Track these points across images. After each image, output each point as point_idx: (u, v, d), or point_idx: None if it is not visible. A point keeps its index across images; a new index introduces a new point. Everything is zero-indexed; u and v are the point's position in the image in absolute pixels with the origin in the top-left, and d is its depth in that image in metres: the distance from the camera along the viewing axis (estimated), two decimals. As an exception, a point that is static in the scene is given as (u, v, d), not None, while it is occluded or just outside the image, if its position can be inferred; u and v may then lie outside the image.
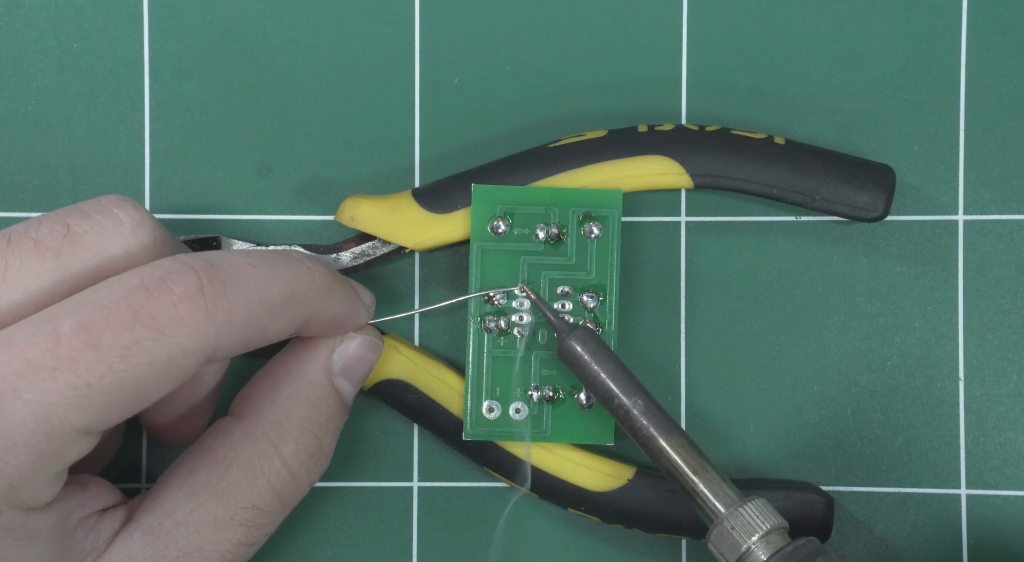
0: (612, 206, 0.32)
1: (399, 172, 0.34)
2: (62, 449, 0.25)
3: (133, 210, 0.28)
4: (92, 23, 0.34)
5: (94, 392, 0.25)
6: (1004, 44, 0.34)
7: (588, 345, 0.30)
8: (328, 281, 0.29)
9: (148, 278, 0.26)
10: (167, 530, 0.28)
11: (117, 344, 0.25)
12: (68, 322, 0.25)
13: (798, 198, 0.32)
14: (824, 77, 0.34)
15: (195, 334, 0.26)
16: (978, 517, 0.34)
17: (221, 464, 0.29)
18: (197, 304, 0.26)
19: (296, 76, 0.34)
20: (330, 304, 0.29)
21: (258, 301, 0.27)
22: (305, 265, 0.29)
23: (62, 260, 0.27)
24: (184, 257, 0.27)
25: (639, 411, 0.30)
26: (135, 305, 0.25)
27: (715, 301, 0.34)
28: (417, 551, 0.34)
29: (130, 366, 0.25)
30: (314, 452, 0.30)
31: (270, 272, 0.28)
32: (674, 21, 0.34)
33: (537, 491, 0.33)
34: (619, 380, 0.30)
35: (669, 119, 0.34)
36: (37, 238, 0.27)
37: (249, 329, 0.27)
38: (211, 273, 0.26)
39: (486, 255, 0.32)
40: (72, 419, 0.25)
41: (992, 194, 0.34)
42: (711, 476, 0.29)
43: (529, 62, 0.34)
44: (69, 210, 0.28)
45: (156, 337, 0.25)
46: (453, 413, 0.33)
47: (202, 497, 0.29)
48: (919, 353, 0.34)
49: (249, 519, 0.29)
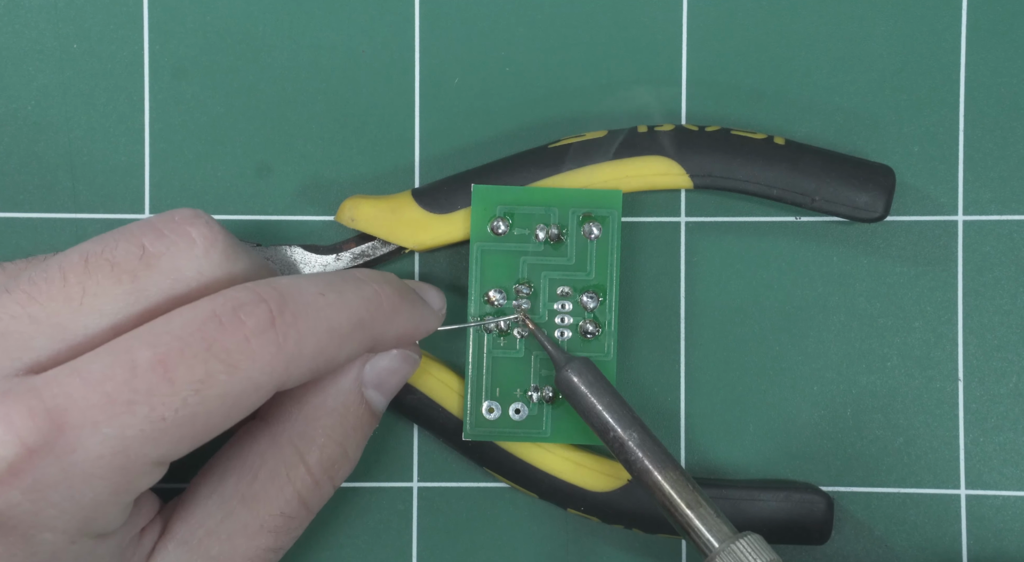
0: (612, 206, 0.32)
1: (399, 172, 0.34)
2: (136, 481, 0.26)
3: (206, 229, 0.28)
4: (92, 23, 0.34)
5: (168, 425, 0.25)
6: (1004, 44, 0.34)
7: (585, 376, 0.30)
8: (395, 301, 0.29)
9: (221, 309, 0.26)
10: (199, 539, 0.29)
11: (192, 378, 0.25)
12: (145, 354, 0.25)
13: (798, 198, 0.32)
14: (824, 77, 0.34)
15: (267, 367, 0.26)
16: (978, 517, 0.34)
17: (249, 472, 0.29)
18: (268, 338, 0.26)
19: (296, 76, 0.34)
20: (398, 324, 0.29)
21: (327, 332, 0.27)
22: (372, 287, 0.29)
23: (137, 283, 0.27)
24: (255, 286, 0.27)
25: (634, 444, 0.30)
26: (209, 338, 0.26)
27: (715, 301, 0.34)
28: (417, 551, 0.34)
29: (203, 399, 0.25)
30: (338, 460, 0.30)
31: (338, 300, 0.28)
32: (674, 21, 0.34)
33: (537, 491, 0.33)
34: (615, 412, 0.30)
35: (669, 120, 0.34)
36: (114, 260, 0.27)
37: (319, 359, 0.27)
38: (281, 305, 0.27)
39: (486, 255, 0.32)
40: (147, 452, 0.25)
41: (992, 194, 0.34)
42: (705, 511, 0.29)
43: (529, 62, 0.34)
44: (143, 227, 0.27)
45: (229, 371, 0.26)
46: (453, 413, 0.33)
47: (232, 505, 0.29)
48: (919, 353, 0.34)
49: (278, 526, 0.29)
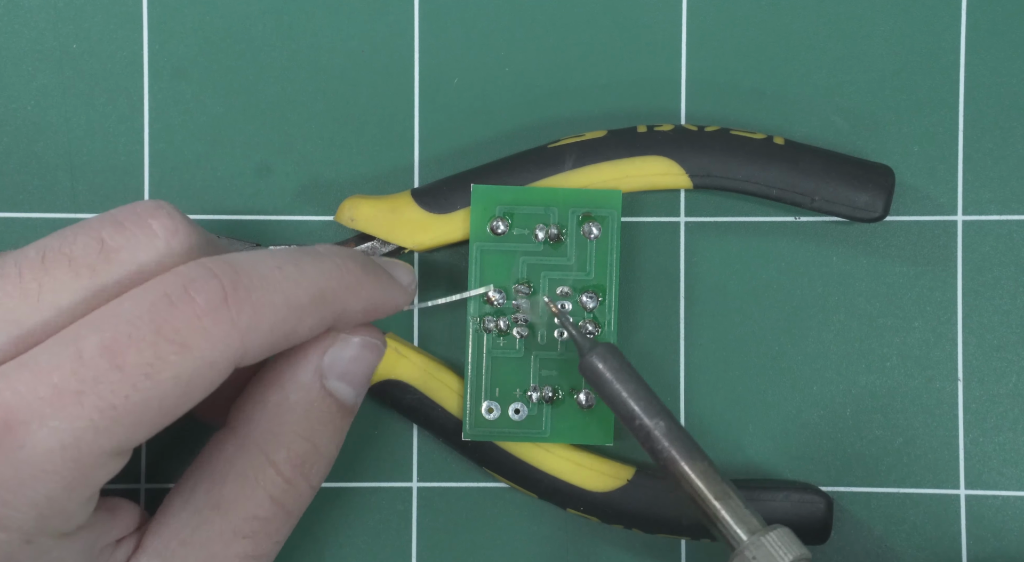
0: (611, 206, 0.32)
1: (399, 172, 0.34)
2: (92, 473, 0.25)
3: (167, 219, 0.27)
4: (92, 23, 0.34)
5: (120, 413, 0.25)
6: (1004, 44, 0.34)
7: (610, 362, 0.30)
8: (358, 274, 0.28)
9: (171, 288, 0.25)
10: (173, 550, 0.28)
11: (140, 362, 0.25)
12: (92, 341, 0.25)
13: (798, 198, 0.32)
14: (824, 77, 0.34)
15: (220, 345, 0.25)
16: (977, 518, 0.34)
17: (218, 478, 0.28)
18: (221, 315, 0.25)
19: (296, 76, 0.34)
20: (362, 297, 0.29)
21: (284, 305, 0.27)
22: (333, 260, 0.28)
23: (96, 277, 0.26)
24: (208, 262, 0.26)
25: (660, 433, 0.30)
26: (158, 319, 0.25)
27: (715, 301, 0.34)
28: (417, 551, 0.34)
29: (155, 384, 0.25)
30: (309, 457, 0.29)
31: (296, 272, 0.27)
32: (674, 21, 0.34)
33: (537, 491, 0.33)
34: (641, 400, 0.30)
35: (668, 119, 0.34)
36: (72, 255, 0.26)
37: (276, 333, 0.27)
38: (235, 279, 0.26)
39: (485, 255, 0.32)
40: (100, 442, 0.25)
41: (991, 194, 0.34)
42: (733, 503, 0.29)
43: (529, 62, 0.34)
44: (104, 220, 0.27)
45: (180, 352, 0.25)
46: (452, 413, 0.33)
47: (204, 514, 0.28)
48: (918, 353, 0.34)
49: (253, 530, 0.28)
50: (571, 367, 0.32)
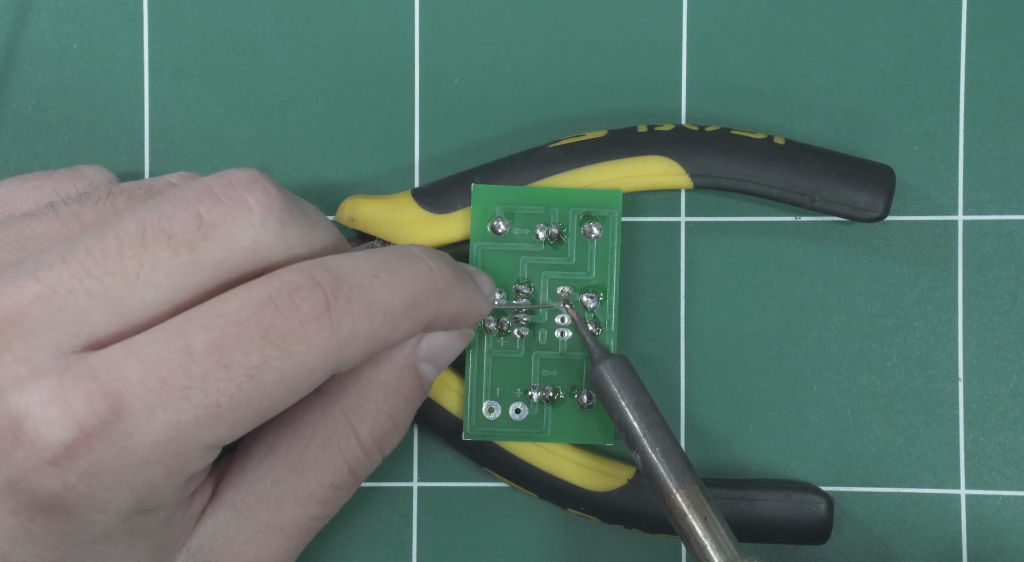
0: (612, 206, 0.32)
1: (399, 172, 0.34)
2: (189, 464, 0.25)
3: (263, 195, 0.27)
4: (92, 23, 0.34)
5: (223, 411, 0.25)
6: (1004, 44, 0.34)
7: (618, 374, 0.30)
8: (449, 280, 0.29)
9: (277, 293, 0.26)
10: (249, 505, 0.29)
11: (247, 363, 0.25)
12: (200, 338, 0.25)
13: (798, 198, 0.32)
14: (824, 77, 0.34)
15: (321, 352, 0.26)
16: (977, 517, 0.34)
17: (300, 441, 0.29)
18: (323, 323, 0.26)
19: (296, 76, 0.34)
20: (452, 304, 0.29)
21: (381, 314, 0.27)
22: (426, 265, 0.28)
23: (194, 254, 0.26)
24: (310, 268, 0.26)
25: (653, 450, 0.30)
26: (264, 323, 0.25)
27: (715, 301, 0.34)
28: (417, 551, 0.34)
29: (258, 385, 0.25)
30: (388, 431, 0.30)
31: (393, 281, 0.27)
32: (674, 21, 0.34)
33: (537, 491, 0.33)
34: (638, 416, 0.30)
35: (669, 119, 0.34)
36: (171, 231, 0.26)
37: (372, 342, 0.27)
38: (336, 289, 0.26)
39: (486, 255, 0.32)
40: (201, 437, 0.25)
41: (992, 194, 0.34)
42: (715, 529, 0.29)
43: (529, 62, 0.34)
44: (200, 193, 0.27)
45: (283, 356, 0.25)
46: (452, 413, 0.33)
47: (282, 473, 0.29)
48: (919, 353, 0.34)
49: (327, 496, 0.29)
50: (572, 367, 0.32)
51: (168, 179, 0.31)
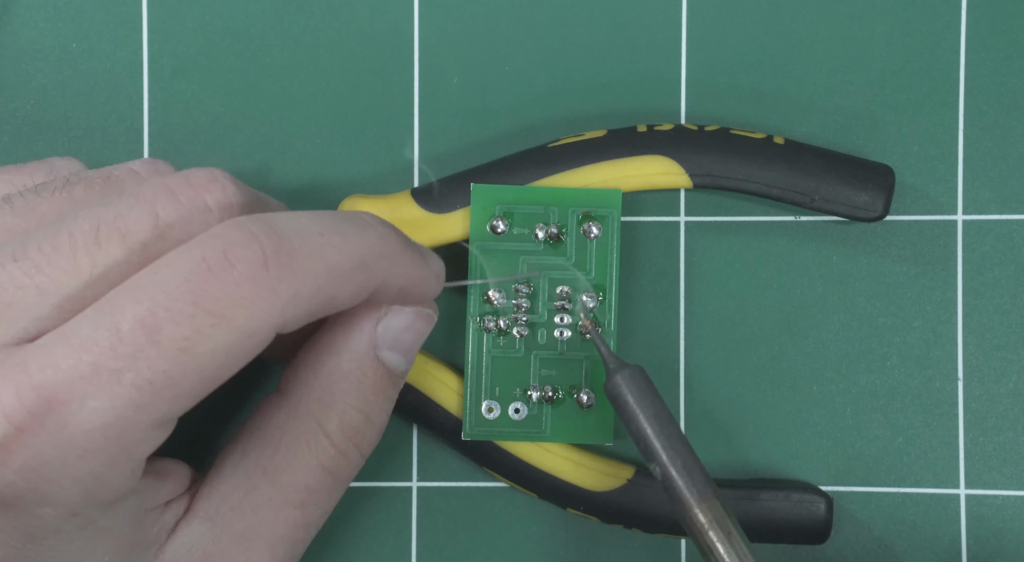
0: (611, 206, 0.32)
1: (399, 172, 0.34)
2: (135, 448, 0.25)
3: (221, 195, 0.26)
4: (92, 23, 0.34)
5: (158, 388, 0.24)
6: (1004, 44, 0.34)
7: (635, 385, 0.30)
8: (398, 247, 0.28)
9: (210, 252, 0.25)
10: (223, 515, 0.28)
11: (178, 336, 0.24)
12: (128, 314, 0.24)
13: (798, 198, 0.32)
14: (824, 77, 0.34)
15: (260, 314, 0.25)
16: (977, 517, 0.34)
17: (270, 445, 0.28)
18: (261, 282, 0.25)
19: (296, 76, 0.34)
20: (401, 271, 0.28)
21: (326, 271, 0.26)
22: (376, 230, 0.27)
23: (148, 253, 0.25)
24: (248, 222, 0.25)
25: (673, 464, 0.29)
26: (195, 290, 0.24)
27: (715, 301, 0.34)
28: (417, 551, 0.34)
29: (192, 357, 0.24)
30: (361, 426, 0.29)
31: (339, 239, 0.26)
32: (674, 21, 0.34)
33: (537, 491, 0.33)
34: (656, 428, 0.29)
35: (668, 119, 0.34)
36: (125, 230, 0.25)
37: (317, 300, 0.26)
38: (276, 243, 0.25)
39: (486, 255, 0.32)
40: (141, 418, 0.24)
41: (991, 194, 0.34)
42: (737, 545, 0.29)
43: (529, 62, 0.34)
44: (157, 192, 0.26)
45: (219, 324, 0.24)
46: (452, 413, 0.33)
47: (255, 480, 0.28)
48: (918, 353, 0.34)
49: (304, 499, 0.28)
50: (571, 367, 0.32)
51: (130, 166, 0.30)
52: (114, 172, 0.29)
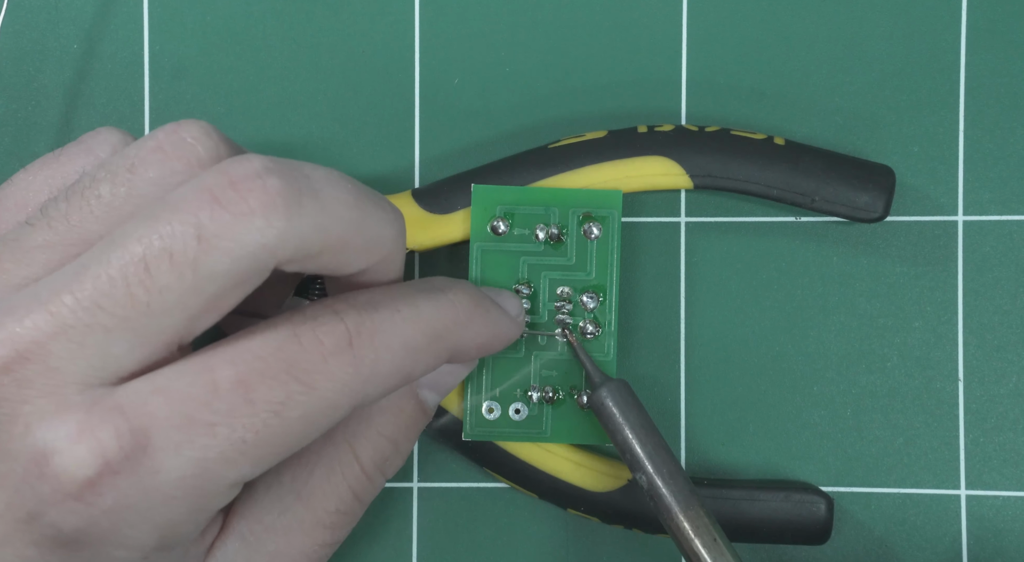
0: (612, 206, 0.32)
1: (399, 172, 0.34)
2: (213, 501, 0.25)
3: (263, 195, 0.25)
4: (92, 23, 0.34)
5: (249, 447, 0.25)
6: (1004, 44, 0.34)
7: (618, 399, 0.31)
8: (470, 311, 0.29)
9: (300, 329, 0.26)
10: (257, 535, 0.28)
11: (272, 399, 0.25)
12: (226, 373, 0.25)
13: (798, 199, 0.32)
14: (824, 77, 0.34)
15: (344, 387, 0.26)
16: (978, 518, 0.34)
17: (304, 468, 0.29)
18: (346, 358, 0.26)
19: (296, 77, 0.34)
20: (475, 334, 0.29)
21: (403, 348, 0.27)
22: (447, 297, 0.28)
23: (199, 272, 0.25)
24: (333, 304, 0.26)
25: (659, 474, 0.30)
26: (288, 358, 0.25)
27: (715, 301, 0.34)
28: (417, 551, 0.34)
29: (283, 421, 0.25)
30: (390, 456, 0.30)
31: (414, 315, 0.27)
32: (674, 21, 0.34)
33: (537, 491, 0.33)
34: (641, 441, 0.30)
35: (669, 120, 0.34)
36: (172, 250, 0.25)
37: (396, 377, 0.27)
38: (358, 324, 0.26)
39: (486, 255, 0.32)
40: (227, 474, 0.25)
41: (991, 195, 0.34)
42: (721, 551, 0.29)
43: (529, 62, 0.34)
44: (199, 196, 0.25)
45: (307, 392, 0.25)
46: (453, 413, 0.33)
47: (288, 501, 0.29)
48: (919, 354, 0.34)
49: (333, 522, 0.29)
50: (571, 367, 0.32)
51: (155, 143, 0.28)
52: (138, 156, 0.27)
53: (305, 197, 0.26)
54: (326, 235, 0.26)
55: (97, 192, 0.27)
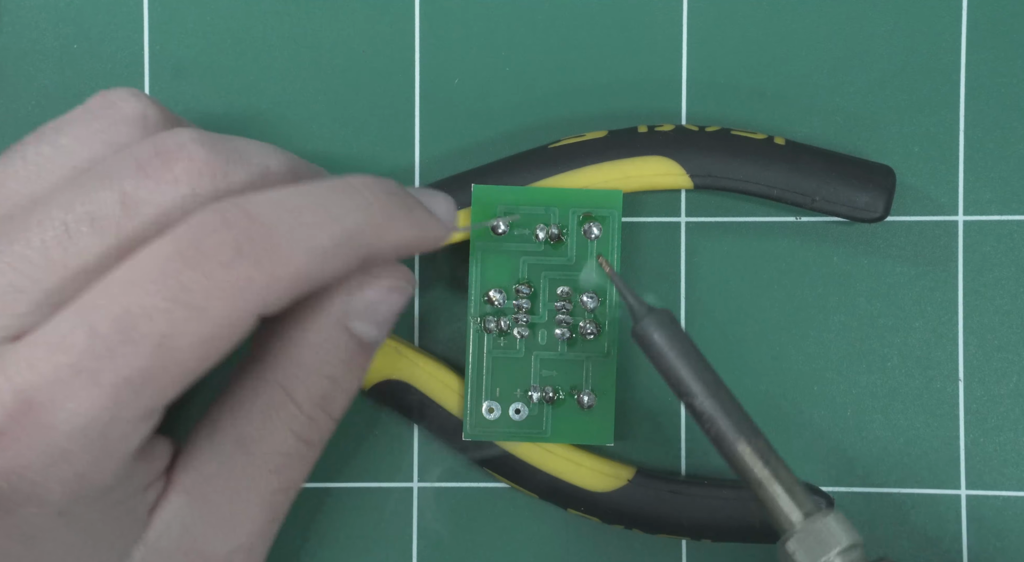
0: (612, 206, 0.32)
1: (399, 172, 0.34)
2: (118, 444, 0.25)
3: (188, 163, 0.25)
4: (92, 23, 0.34)
5: (137, 384, 0.24)
6: (1004, 44, 0.34)
7: (664, 331, 0.29)
8: (391, 210, 0.27)
9: (184, 244, 0.24)
10: (199, 486, 0.28)
11: (155, 332, 0.24)
12: (104, 314, 0.24)
13: (798, 198, 0.32)
14: (824, 77, 0.34)
15: (238, 302, 0.24)
16: (978, 518, 0.34)
17: (241, 414, 0.28)
18: (237, 270, 0.24)
19: (296, 76, 0.34)
20: (394, 235, 0.27)
21: (306, 253, 0.25)
22: (362, 196, 0.27)
23: (121, 234, 0.25)
24: (222, 208, 0.25)
25: (711, 408, 0.28)
26: (171, 284, 0.24)
27: (715, 301, 0.34)
28: (417, 551, 0.34)
29: (170, 351, 0.24)
30: (328, 392, 0.28)
31: (321, 216, 0.25)
32: (674, 21, 0.34)
33: (537, 491, 0.33)
34: (692, 372, 0.28)
35: (669, 120, 0.34)
36: (95, 214, 0.25)
37: (299, 282, 0.25)
38: (250, 230, 0.25)
39: (486, 255, 0.32)
40: (120, 416, 0.24)
41: (992, 195, 0.34)
42: (786, 484, 0.28)
43: (529, 62, 0.34)
44: (125, 165, 0.25)
45: (195, 316, 0.24)
46: (452, 413, 0.33)
47: (227, 449, 0.28)
48: (919, 354, 0.34)
49: (278, 465, 0.28)
50: (572, 367, 0.32)
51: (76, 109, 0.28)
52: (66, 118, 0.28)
53: (232, 167, 0.26)
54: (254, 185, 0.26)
55: (23, 154, 0.27)
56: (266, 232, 0.25)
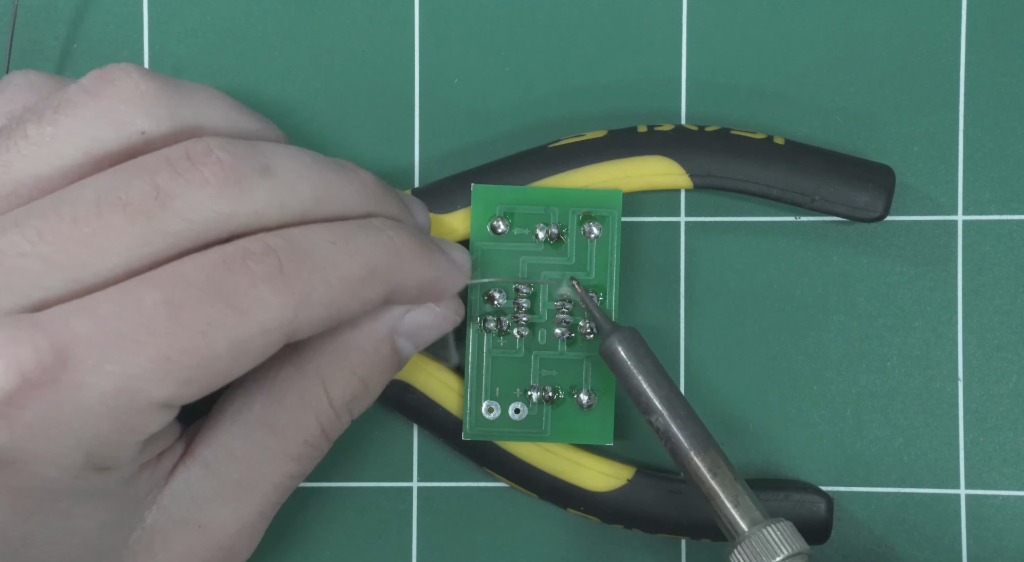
0: (612, 206, 0.32)
1: (399, 172, 0.34)
2: (141, 422, 0.25)
3: (217, 167, 0.27)
4: (92, 23, 0.34)
5: (174, 366, 0.25)
6: (1004, 44, 0.34)
7: (628, 349, 0.30)
8: (414, 250, 0.29)
9: (230, 257, 0.26)
10: (222, 462, 0.28)
11: (199, 320, 0.25)
12: (153, 295, 0.25)
13: (798, 198, 0.32)
14: (824, 77, 0.34)
15: (275, 313, 0.26)
16: (977, 518, 0.34)
17: (275, 398, 0.29)
18: (276, 284, 0.26)
19: (296, 76, 0.34)
20: (416, 274, 0.29)
21: (337, 280, 0.27)
22: (387, 234, 0.28)
23: (151, 224, 0.26)
24: (266, 236, 0.27)
25: (666, 424, 0.30)
26: (217, 282, 0.25)
27: (715, 301, 0.34)
28: (417, 551, 0.34)
29: (209, 343, 0.25)
30: (358, 395, 0.30)
31: (350, 248, 0.27)
32: (674, 21, 0.34)
33: (537, 491, 0.33)
34: (652, 388, 0.30)
35: (669, 119, 0.34)
36: (127, 200, 0.26)
37: (329, 308, 0.27)
38: (290, 253, 0.26)
39: (486, 255, 0.32)
40: (152, 392, 0.25)
41: (991, 194, 0.34)
42: (732, 495, 0.29)
43: (529, 62, 0.34)
44: (158, 162, 0.26)
45: (236, 316, 0.25)
46: (452, 413, 0.33)
47: (256, 430, 0.29)
48: (918, 353, 0.34)
49: (300, 454, 0.29)
50: (571, 367, 0.32)
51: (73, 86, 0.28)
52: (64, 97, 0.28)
53: (260, 172, 0.27)
54: (283, 209, 0.27)
55: (24, 132, 0.27)
56: (306, 256, 0.26)
